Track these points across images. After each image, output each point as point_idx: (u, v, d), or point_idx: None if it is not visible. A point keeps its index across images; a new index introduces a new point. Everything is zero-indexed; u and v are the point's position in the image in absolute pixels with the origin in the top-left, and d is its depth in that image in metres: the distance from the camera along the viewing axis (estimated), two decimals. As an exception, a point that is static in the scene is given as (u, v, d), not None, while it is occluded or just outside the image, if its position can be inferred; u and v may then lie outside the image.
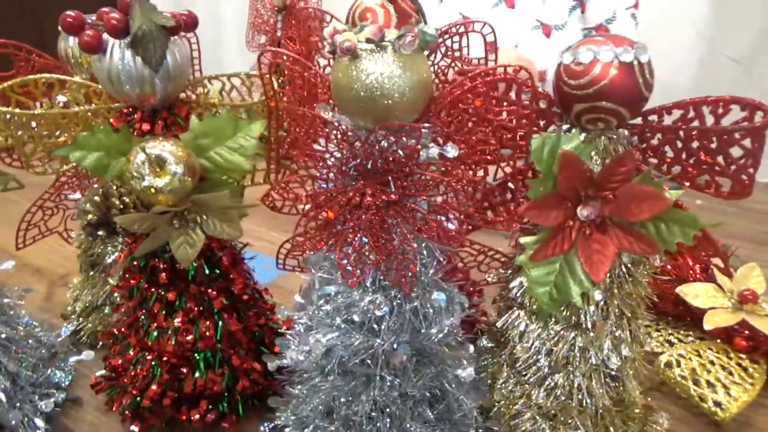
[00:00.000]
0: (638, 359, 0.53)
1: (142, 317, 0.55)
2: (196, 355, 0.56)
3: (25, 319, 0.62)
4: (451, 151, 0.44)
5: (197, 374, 0.56)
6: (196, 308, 0.54)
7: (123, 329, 0.57)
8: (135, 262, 0.53)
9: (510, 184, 0.52)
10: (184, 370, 0.56)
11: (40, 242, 0.74)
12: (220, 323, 0.56)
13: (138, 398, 0.56)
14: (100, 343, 0.69)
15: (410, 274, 0.43)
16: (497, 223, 0.50)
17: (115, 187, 0.50)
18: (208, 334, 0.55)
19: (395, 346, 0.46)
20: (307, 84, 0.50)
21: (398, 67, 0.39)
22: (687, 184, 0.48)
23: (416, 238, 0.45)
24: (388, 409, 0.48)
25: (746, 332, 0.61)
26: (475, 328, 0.56)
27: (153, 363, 0.55)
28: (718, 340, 0.64)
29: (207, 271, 0.55)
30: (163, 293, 0.54)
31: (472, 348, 0.57)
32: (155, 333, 0.55)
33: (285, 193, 0.44)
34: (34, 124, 0.49)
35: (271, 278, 0.81)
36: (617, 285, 0.49)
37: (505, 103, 0.44)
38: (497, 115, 0.43)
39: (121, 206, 0.50)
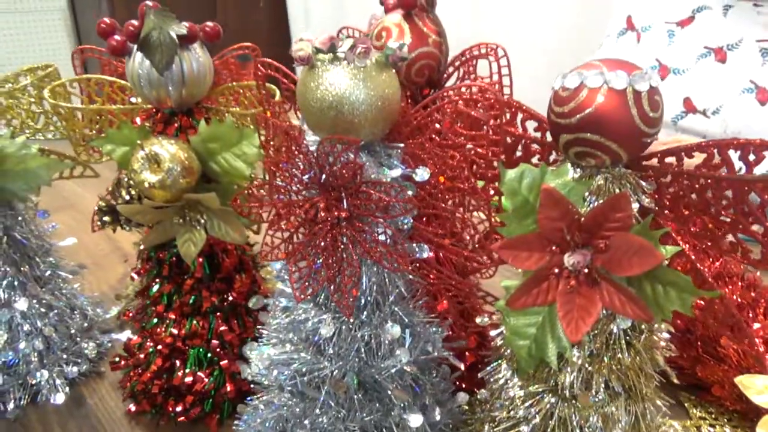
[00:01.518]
0: (641, 450, 0.44)
1: (147, 304, 0.59)
2: (190, 350, 0.58)
3: (72, 292, 0.69)
4: (421, 174, 0.41)
5: (187, 369, 0.58)
6: (189, 304, 0.56)
7: (136, 314, 0.61)
8: (146, 252, 0.57)
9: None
10: (177, 363, 0.58)
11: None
12: (214, 323, 0.57)
13: (136, 381, 0.59)
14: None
15: (351, 298, 0.41)
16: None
17: (126, 179, 0.55)
18: (200, 332, 0.57)
19: (343, 372, 0.44)
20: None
21: (350, 79, 0.38)
22: (708, 243, 0.39)
23: (374, 263, 0.42)
24: (334, 441, 0.45)
25: (820, 449, 0.48)
26: (454, 375, 0.51)
27: (151, 350, 0.58)
28: (785, 452, 0.51)
29: (208, 271, 0.57)
30: (164, 285, 0.57)
31: (464, 397, 0.52)
32: (154, 321, 0.58)
33: (247, 199, 0.44)
34: (80, 116, 0.56)
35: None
36: (610, 353, 0.41)
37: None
38: (465, 139, 0.39)
39: (127, 197, 0.54)
